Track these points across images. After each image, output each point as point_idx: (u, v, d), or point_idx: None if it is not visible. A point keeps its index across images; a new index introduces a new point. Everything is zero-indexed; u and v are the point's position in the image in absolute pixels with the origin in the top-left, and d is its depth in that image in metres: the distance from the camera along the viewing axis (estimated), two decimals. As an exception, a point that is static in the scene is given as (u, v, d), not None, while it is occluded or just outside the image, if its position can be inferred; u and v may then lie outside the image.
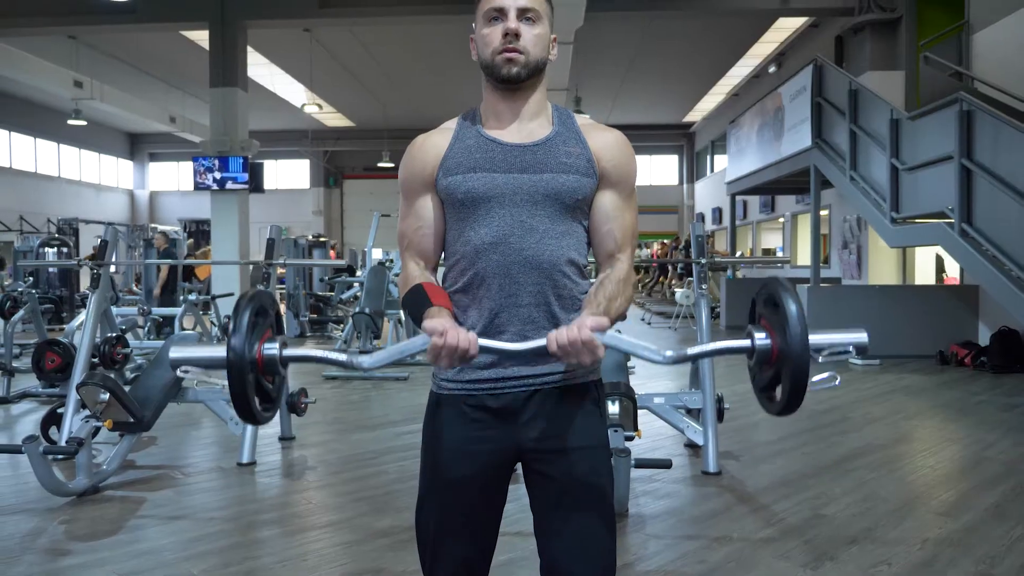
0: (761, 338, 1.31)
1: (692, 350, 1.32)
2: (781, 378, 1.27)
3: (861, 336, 1.33)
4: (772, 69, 15.78)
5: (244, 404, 1.29)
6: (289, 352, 1.35)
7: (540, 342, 1.30)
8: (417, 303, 1.37)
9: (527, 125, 1.47)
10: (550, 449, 1.42)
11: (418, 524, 1.48)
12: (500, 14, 1.41)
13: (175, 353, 1.35)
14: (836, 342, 1.31)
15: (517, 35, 1.40)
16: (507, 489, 1.51)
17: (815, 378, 1.32)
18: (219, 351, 1.29)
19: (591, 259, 1.54)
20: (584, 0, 9.06)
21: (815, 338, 1.27)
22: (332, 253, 14.79)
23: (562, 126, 1.48)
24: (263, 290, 1.39)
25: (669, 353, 1.31)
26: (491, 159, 1.42)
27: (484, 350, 1.29)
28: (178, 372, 1.34)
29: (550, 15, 1.47)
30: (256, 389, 1.31)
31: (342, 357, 1.35)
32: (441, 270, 1.54)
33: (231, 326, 1.28)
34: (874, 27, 10.25)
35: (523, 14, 1.41)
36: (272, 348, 1.33)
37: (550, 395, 1.43)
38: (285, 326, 10.26)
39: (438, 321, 1.28)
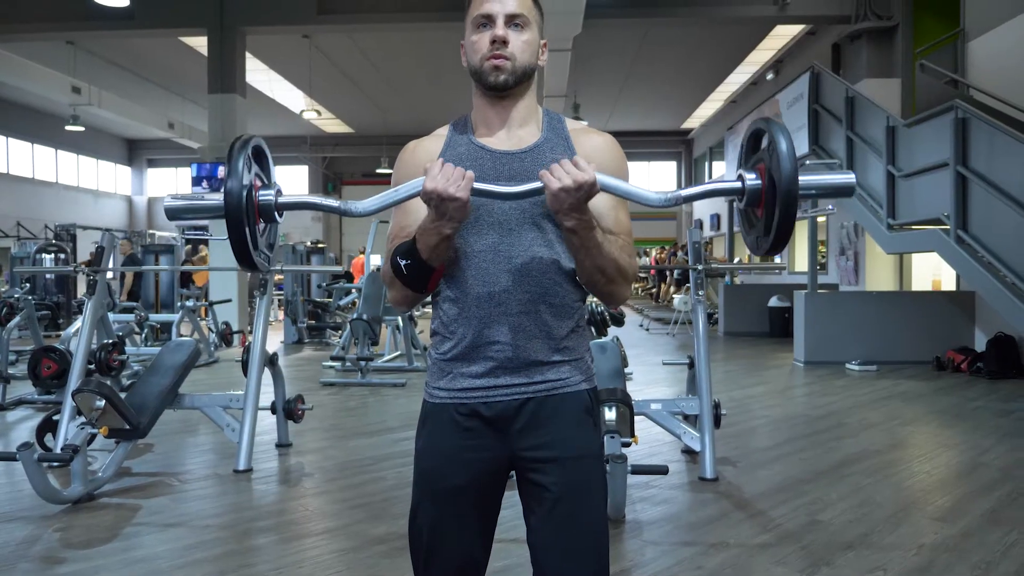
0: (752, 179, 1.34)
1: (686, 191, 1.33)
2: (772, 214, 1.30)
3: (848, 178, 1.37)
4: (770, 76, 15.83)
5: (243, 249, 1.33)
6: (284, 199, 1.39)
7: (535, 184, 1.31)
8: (403, 245, 1.38)
9: (516, 132, 1.47)
10: (543, 458, 1.42)
11: (411, 532, 1.47)
12: (488, 20, 1.41)
13: (171, 203, 1.40)
14: (823, 182, 1.36)
15: (505, 42, 1.40)
16: (501, 497, 1.50)
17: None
18: (215, 198, 1.32)
19: None
20: (582, 8, 9.09)
21: (804, 178, 1.30)
22: (358, 260, 14.46)
23: (551, 132, 1.48)
24: (255, 136, 1.40)
25: (664, 195, 1.34)
26: (481, 166, 1.43)
27: (477, 192, 1.30)
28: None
29: (539, 21, 1.47)
30: (254, 234, 1.35)
31: (335, 203, 1.38)
32: None
33: (226, 170, 1.30)
34: (871, 35, 10.30)
35: (511, 20, 1.41)
36: (268, 195, 1.37)
37: (543, 403, 1.43)
38: (283, 332, 10.22)
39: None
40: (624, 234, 1.45)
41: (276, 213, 1.38)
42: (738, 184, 1.34)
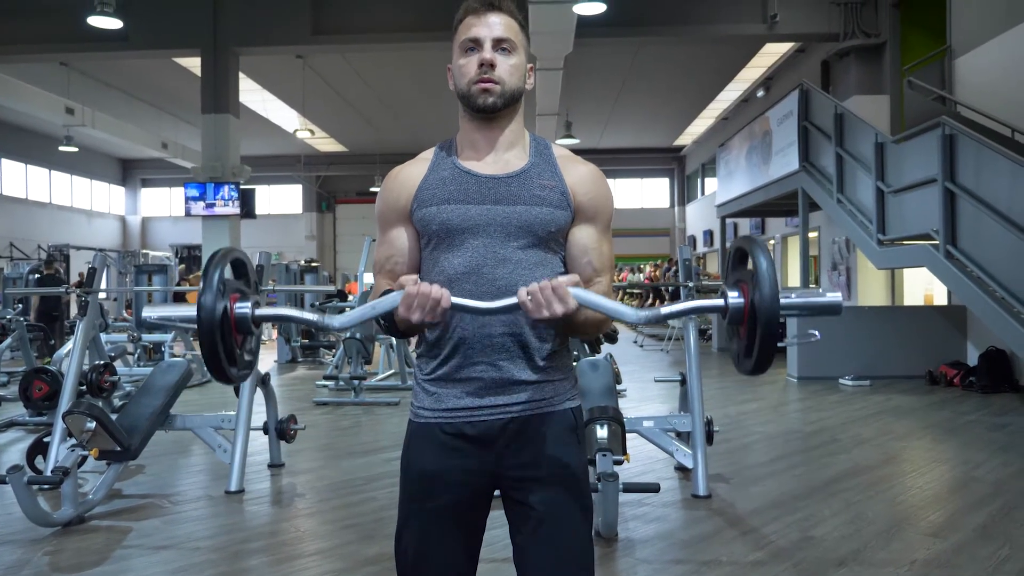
0: (734, 297, 1.32)
1: (665, 309, 1.33)
2: (753, 337, 1.28)
3: (835, 297, 1.34)
4: (760, 93, 15.95)
5: (215, 362, 1.30)
6: (261, 311, 1.37)
7: (511, 299, 1.31)
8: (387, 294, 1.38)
9: (503, 156, 1.48)
10: (527, 477, 1.43)
11: (397, 552, 1.48)
12: (476, 44, 1.43)
13: (148, 312, 1.39)
14: (807, 303, 1.33)
15: (492, 65, 1.41)
16: (486, 516, 1.51)
17: (792, 337, 1.36)
18: (190, 309, 1.30)
19: None
20: (573, 26, 9.16)
21: (787, 300, 1.28)
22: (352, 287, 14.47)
23: (538, 157, 1.49)
24: (235, 249, 1.40)
25: (642, 313, 1.33)
26: (465, 191, 1.44)
27: (456, 307, 1.31)
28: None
29: (526, 45, 1.49)
30: (230, 348, 1.33)
31: (313, 317, 1.37)
32: None
33: (201, 284, 1.30)
34: (859, 52, 10.41)
35: (498, 44, 1.43)
36: (244, 307, 1.35)
37: (528, 422, 1.44)
38: (276, 352, 10.19)
39: (410, 276, 1.31)
40: (607, 271, 1.48)
41: (253, 325, 1.36)
42: (721, 303, 1.33)
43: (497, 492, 1.49)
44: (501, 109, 1.44)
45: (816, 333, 1.43)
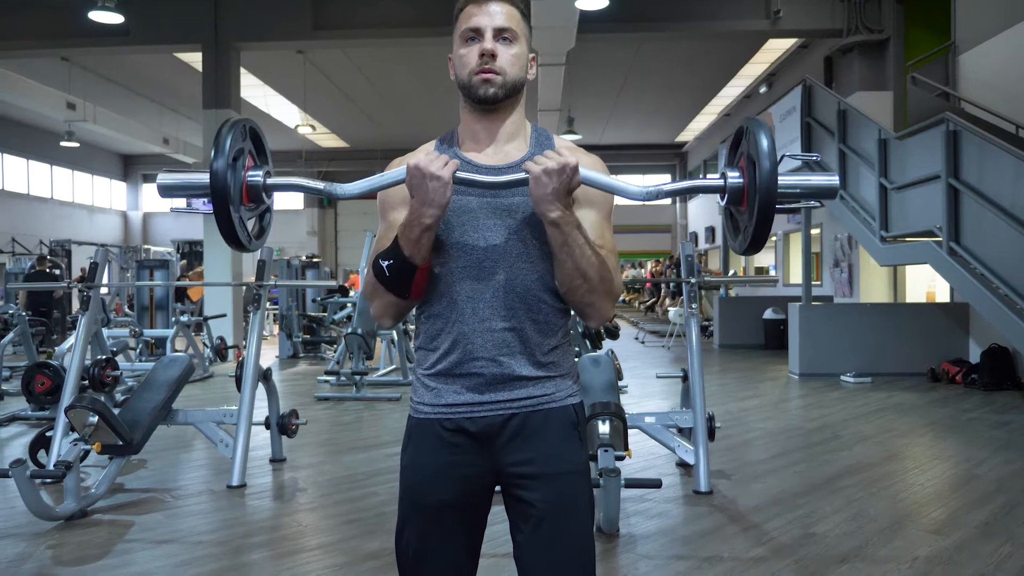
0: (733, 176, 1.34)
1: (668, 186, 1.36)
2: (752, 212, 1.30)
3: (832, 179, 1.37)
4: (763, 89, 15.91)
5: (228, 229, 1.33)
6: (273, 180, 1.40)
7: (519, 174, 1.33)
8: (388, 247, 1.39)
9: (503, 147, 1.47)
10: (528, 474, 1.42)
11: (398, 548, 1.47)
12: (477, 34, 1.42)
13: (163, 180, 1.41)
14: (805, 182, 1.36)
15: (494, 55, 1.40)
16: (487, 513, 1.50)
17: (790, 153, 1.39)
18: (203, 177, 1.32)
19: None
20: (576, 22, 9.14)
21: (784, 179, 1.30)
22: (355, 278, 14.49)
23: (538, 148, 1.48)
24: (247, 118, 1.41)
25: (646, 188, 1.35)
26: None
27: (460, 181, 1.33)
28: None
29: (527, 34, 1.47)
30: (241, 215, 1.36)
31: (321, 185, 1.41)
32: None
33: (213, 151, 1.30)
34: (862, 48, 10.37)
35: (500, 34, 1.41)
36: (256, 175, 1.37)
37: (528, 419, 1.43)
38: (278, 347, 10.19)
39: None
40: (609, 250, 1.45)
41: (264, 194, 1.38)
42: (720, 181, 1.35)
43: (497, 488, 1.48)
44: (502, 100, 1.43)
45: (815, 155, 1.48)
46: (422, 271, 1.37)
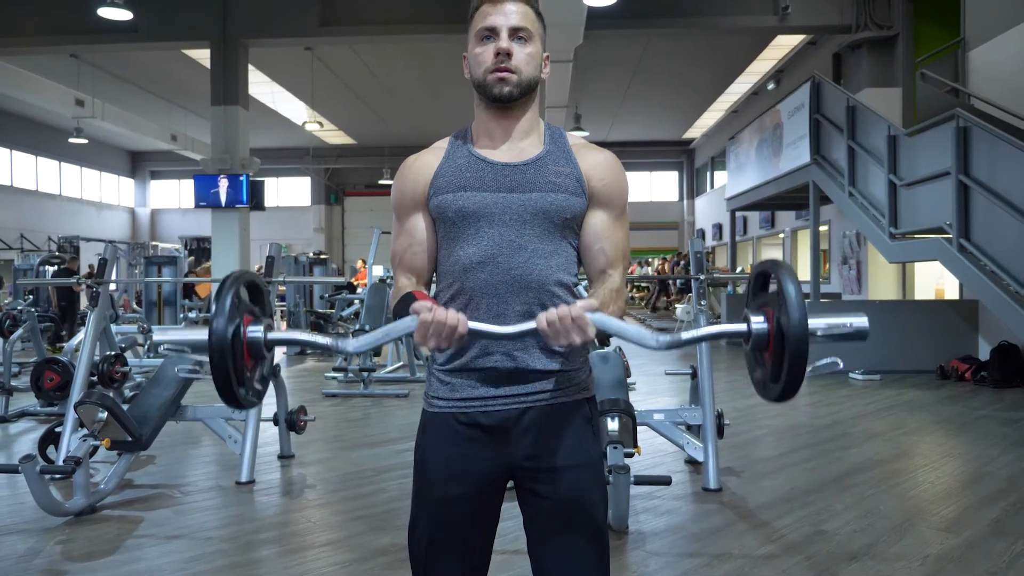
0: (758, 322, 1.27)
1: (686, 335, 1.28)
2: (780, 362, 1.24)
3: (861, 320, 1.29)
4: (771, 86, 15.86)
5: (227, 388, 1.27)
6: (274, 335, 1.34)
7: (530, 324, 1.29)
8: (405, 302, 1.36)
9: (518, 144, 1.47)
10: (542, 468, 1.42)
11: (411, 543, 1.47)
12: (492, 33, 1.42)
13: (159, 335, 1.38)
14: (836, 324, 1.28)
15: (509, 54, 1.40)
16: (500, 507, 1.50)
17: (818, 362, 1.30)
18: (201, 334, 1.28)
19: (582, 276, 1.54)
20: (583, 18, 9.13)
21: (815, 322, 1.23)
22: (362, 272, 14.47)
23: (553, 145, 1.48)
24: (248, 272, 1.39)
25: (663, 338, 1.28)
26: (481, 178, 1.43)
27: (473, 333, 1.29)
28: (179, 373, 1.35)
29: (542, 34, 1.47)
30: (242, 372, 1.30)
31: (326, 340, 1.35)
32: (433, 288, 1.54)
33: (213, 308, 1.27)
34: (871, 44, 10.33)
35: (515, 33, 1.42)
36: (256, 331, 1.32)
37: (542, 412, 1.43)
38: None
39: (424, 302, 1.29)
40: (620, 260, 1.47)
41: (264, 349, 1.34)
42: (743, 327, 1.29)
43: (510, 485, 1.48)
44: (517, 99, 1.43)
45: (839, 362, 1.37)
46: None
